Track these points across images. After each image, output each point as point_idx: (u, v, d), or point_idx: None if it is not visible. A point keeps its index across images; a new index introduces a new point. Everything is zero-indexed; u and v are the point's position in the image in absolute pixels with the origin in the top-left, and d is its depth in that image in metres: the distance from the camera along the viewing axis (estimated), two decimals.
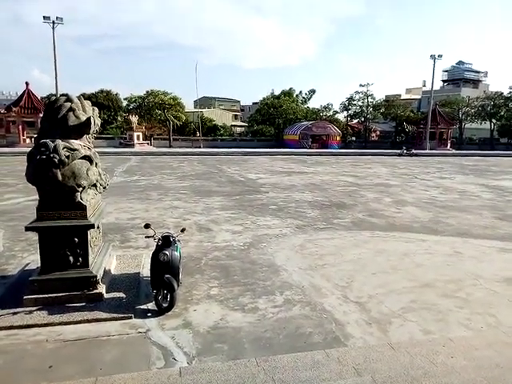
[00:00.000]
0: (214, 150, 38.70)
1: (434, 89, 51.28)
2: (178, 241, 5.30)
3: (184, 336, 4.22)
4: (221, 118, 73.64)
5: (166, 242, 4.99)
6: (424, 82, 79.23)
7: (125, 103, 47.61)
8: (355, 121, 57.67)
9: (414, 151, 39.61)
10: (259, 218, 9.86)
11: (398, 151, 39.84)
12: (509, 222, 10.05)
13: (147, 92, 43.04)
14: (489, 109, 52.48)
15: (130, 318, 4.54)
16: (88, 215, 4.80)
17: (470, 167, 26.97)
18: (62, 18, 36.12)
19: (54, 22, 35.69)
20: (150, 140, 42.21)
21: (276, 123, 51.30)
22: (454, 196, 14.07)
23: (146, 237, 5.44)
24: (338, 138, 47.65)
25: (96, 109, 5.50)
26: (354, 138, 55.58)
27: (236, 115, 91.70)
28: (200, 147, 42.54)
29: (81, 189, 4.68)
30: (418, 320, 4.68)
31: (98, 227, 5.43)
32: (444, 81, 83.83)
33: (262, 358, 3.71)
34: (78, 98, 5.12)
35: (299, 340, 4.20)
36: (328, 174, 20.91)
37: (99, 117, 5.58)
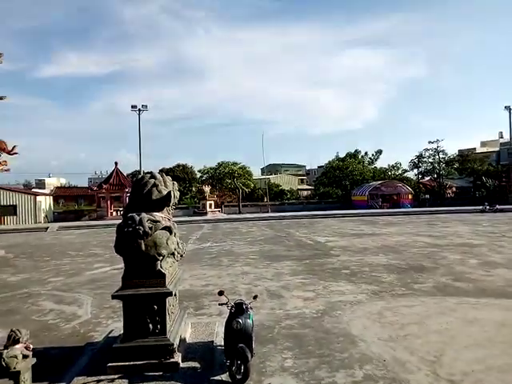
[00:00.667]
0: (281, 214, 39.14)
1: None
2: (251, 308, 5.30)
3: None
4: (287, 182, 75.28)
5: (239, 309, 5.02)
6: (500, 133, 74.77)
7: (198, 175, 51.19)
8: (427, 178, 55.19)
9: (497, 207, 36.27)
10: (331, 284, 9.51)
11: (480, 207, 36.76)
12: None
13: (218, 163, 46.10)
14: None
15: None
16: (166, 283, 5.07)
17: None
18: (146, 106, 41.46)
19: (139, 110, 41.02)
20: (221, 207, 44.16)
21: (343, 185, 51.00)
22: None
23: (219, 304, 5.54)
24: (410, 197, 45.69)
25: (175, 183, 6.06)
26: (427, 196, 52.77)
27: (302, 179, 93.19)
28: (268, 212, 43.38)
29: (161, 257, 5.02)
30: None
31: (175, 295, 5.68)
32: None
33: None
34: (161, 174, 5.72)
35: None
36: (402, 234, 19.81)
37: (177, 190, 6.12)
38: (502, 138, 73.37)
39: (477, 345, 5.58)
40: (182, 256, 5.92)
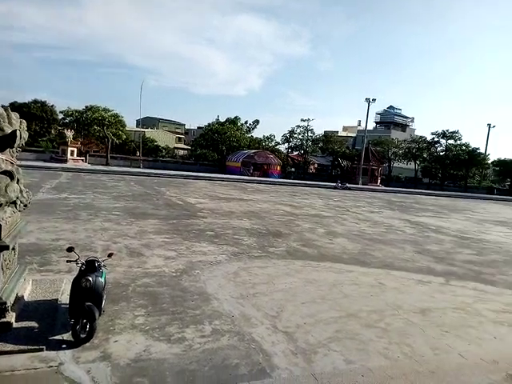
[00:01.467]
0: (153, 171, 37.76)
1: (368, 129, 55.47)
2: (104, 266, 5.01)
3: (101, 370, 3.92)
4: (164, 139, 72.56)
5: (90, 267, 4.70)
6: (359, 121, 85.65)
7: (61, 116, 45.13)
8: (295, 153, 60.12)
9: (347, 185, 42.01)
10: (194, 244, 9.69)
11: (333, 184, 42.01)
12: (426, 255, 10.92)
13: (86, 107, 41.33)
14: (414, 151, 57.79)
15: (41, 350, 4.14)
16: (2, 235, 4.38)
17: (397, 203, 29.14)
18: None
19: None
20: (86, 156, 40.17)
21: (220, 149, 51.75)
22: (381, 230, 15.02)
23: (67, 261, 5.08)
24: (278, 168, 49.18)
25: (24, 121, 5.16)
26: (293, 169, 57.77)
27: (180, 138, 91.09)
28: (139, 167, 41.34)
29: None
30: (341, 350, 4.83)
31: (13, 249, 4.97)
32: (377, 122, 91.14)
33: None
34: (5, 109, 4.78)
35: (225, 372, 4.11)
36: (267, 202, 21.32)
37: (29, 129, 5.23)
38: (359, 125, 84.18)
39: (312, 301, 6.44)
40: (26, 206, 5.19)
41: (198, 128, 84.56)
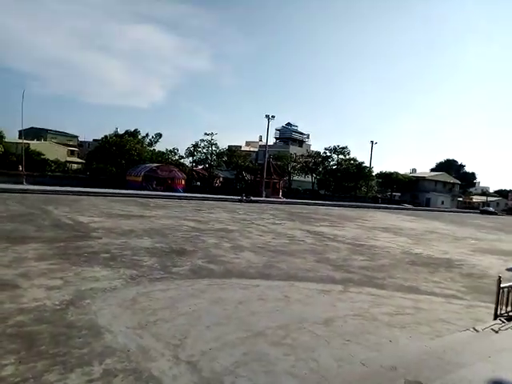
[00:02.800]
0: (40, 187, 33.65)
1: (269, 144, 57.90)
2: None
3: None
4: (53, 152, 65.55)
5: None
6: (260, 137, 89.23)
7: None
8: (200, 167, 59.73)
9: (252, 198, 42.98)
10: (86, 269, 8.60)
11: (239, 197, 42.59)
12: (325, 264, 11.45)
13: None
14: (310, 165, 62.05)
15: None
16: None
17: (297, 214, 30.62)
18: None
19: None
20: None
21: (119, 163, 48.67)
22: (284, 241, 15.43)
23: None
24: (183, 182, 48.11)
25: None
26: (198, 183, 57.22)
27: (73, 151, 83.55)
28: (22, 183, 36.50)
29: None
30: (248, 374, 4.56)
31: None
32: (276, 138, 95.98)
33: None
34: None
35: None
36: (171, 217, 20.44)
37: None
38: (261, 140, 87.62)
39: (217, 323, 6.09)
40: None
41: (94, 140, 78.72)
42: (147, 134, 55.92)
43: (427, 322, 6.92)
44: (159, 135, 57.18)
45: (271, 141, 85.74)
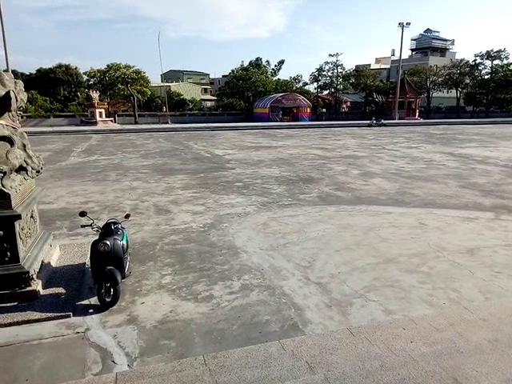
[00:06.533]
0: (181, 125, 37.50)
1: (403, 58, 51.26)
2: (123, 228, 4.82)
3: (127, 333, 3.82)
4: (190, 92, 71.36)
5: (107, 230, 4.51)
6: (393, 51, 79.42)
7: (85, 78, 45.01)
8: (325, 92, 57.21)
9: (383, 121, 39.81)
10: (223, 197, 9.44)
11: (368, 122, 39.92)
12: (472, 189, 10.09)
13: (108, 66, 40.76)
14: (455, 77, 53.16)
15: (68, 316, 4.09)
16: (14, 204, 4.21)
17: (437, 136, 27.31)
18: None
19: None
20: (114, 117, 40.39)
21: (246, 96, 50.19)
22: (420, 166, 14.07)
23: (82, 226, 4.92)
24: (308, 110, 47.25)
25: (20, 82, 4.80)
26: (324, 110, 55.35)
27: (206, 89, 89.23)
28: (167, 123, 41.17)
29: (1, 174, 4.07)
30: (379, 299, 4.47)
31: (31, 216, 4.86)
32: (412, 49, 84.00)
33: (210, 355, 3.36)
34: None
35: (254, 330, 3.90)
36: (297, 147, 20.57)
37: (58, 94, 4.88)
38: (393, 55, 78.20)
39: (346, 248, 6.05)
40: (38, 172, 4.99)
41: (223, 76, 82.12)
42: (268, 62, 55.17)
43: None
44: (282, 62, 56.03)
45: (406, 54, 75.76)
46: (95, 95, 36.79)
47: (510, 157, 16.24)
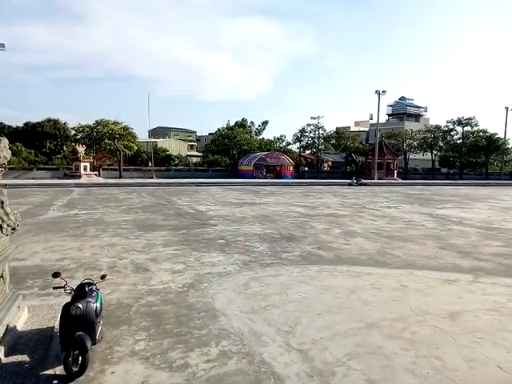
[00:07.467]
0: (166, 180, 37.75)
1: (380, 122, 54.33)
2: (97, 289, 4.65)
3: None
4: (176, 148, 72.96)
5: (81, 292, 4.33)
6: (371, 115, 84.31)
7: (73, 133, 45.69)
8: (308, 152, 59.38)
9: (363, 181, 41.08)
10: (204, 255, 9.29)
11: (348, 181, 41.13)
12: (450, 251, 10.25)
13: (97, 121, 41.67)
14: (429, 141, 56.26)
15: None
16: None
17: (415, 196, 28.19)
18: (3, 44, 34.52)
19: None
20: (99, 171, 40.50)
21: (231, 153, 51.53)
22: (400, 226, 14.34)
23: (54, 287, 4.72)
24: (291, 168, 48.58)
25: (5, 139, 4.85)
26: (306, 169, 57.02)
27: (192, 145, 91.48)
28: (152, 177, 41.43)
29: None
30: (362, 368, 4.32)
31: (1, 276, 4.66)
32: (389, 115, 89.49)
33: None
34: None
35: None
36: (280, 204, 20.82)
37: (44, 147, 4.92)
38: (371, 119, 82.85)
39: (328, 312, 5.94)
40: (14, 229, 4.86)
41: (209, 134, 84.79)
42: (252, 123, 57.39)
43: None
44: (266, 123, 58.49)
45: (383, 118, 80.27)
46: (81, 149, 37.14)
47: (484, 218, 16.78)
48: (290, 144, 56.89)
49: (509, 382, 4.06)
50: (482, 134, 55.50)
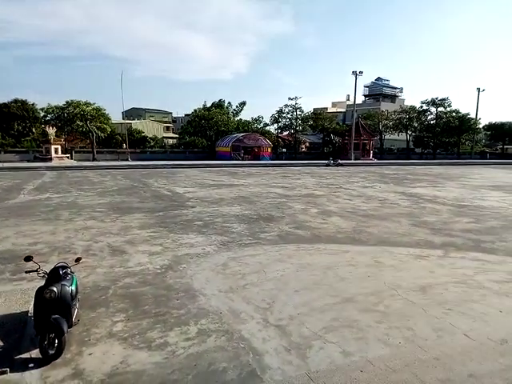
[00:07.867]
0: (141, 162, 37.02)
1: (357, 102, 54.68)
2: (72, 272, 4.56)
3: None
4: (151, 129, 71.34)
5: (55, 275, 4.25)
6: (348, 96, 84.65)
7: (42, 114, 43.82)
8: (286, 133, 59.27)
9: (340, 161, 41.52)
10: (182, 236, 9.25)
11: (326, 162, 41.49)
12: (423, 228, 10.59)
13: (67, 102, 40.07)
14: (404, 121, 57.18)
15: (5, 372, 3.72)
16: None
17: (390, 176, 28.81)
18: None
19: None
20: (71, 153, 39.27)
21: (208, 135, 50.85)
22: (375, 205, 14.67)
23: (26, 271, 4.60)
24: (269, 150, 48.47)
25: None
26: (284, 150, 57.05)
27: (168, 127, 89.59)
28: (127, 160, 40.54)
29: None
30: (338, 340, 4.46)
31: None
32: (365, 95, 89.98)
33: None
34: None
35: (211, 379, 3.73)
36: (258, 185, 20.85)
37: (12, 129, 4.67)
38: (348, 100, 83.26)
39: (306, 288, 6.06)
40: None
41: (186, 115, 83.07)
42: (230, 104, 56.71)
43: None
44: (243, 103, 57.80)
45: (360, 99, 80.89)
46: (51, 131, 35.76)
47: (456, 196, 17.36)
48: (267, 125, 56.58)
49: (474, 349, 4.29)
50: (454, 114, 56.82)
